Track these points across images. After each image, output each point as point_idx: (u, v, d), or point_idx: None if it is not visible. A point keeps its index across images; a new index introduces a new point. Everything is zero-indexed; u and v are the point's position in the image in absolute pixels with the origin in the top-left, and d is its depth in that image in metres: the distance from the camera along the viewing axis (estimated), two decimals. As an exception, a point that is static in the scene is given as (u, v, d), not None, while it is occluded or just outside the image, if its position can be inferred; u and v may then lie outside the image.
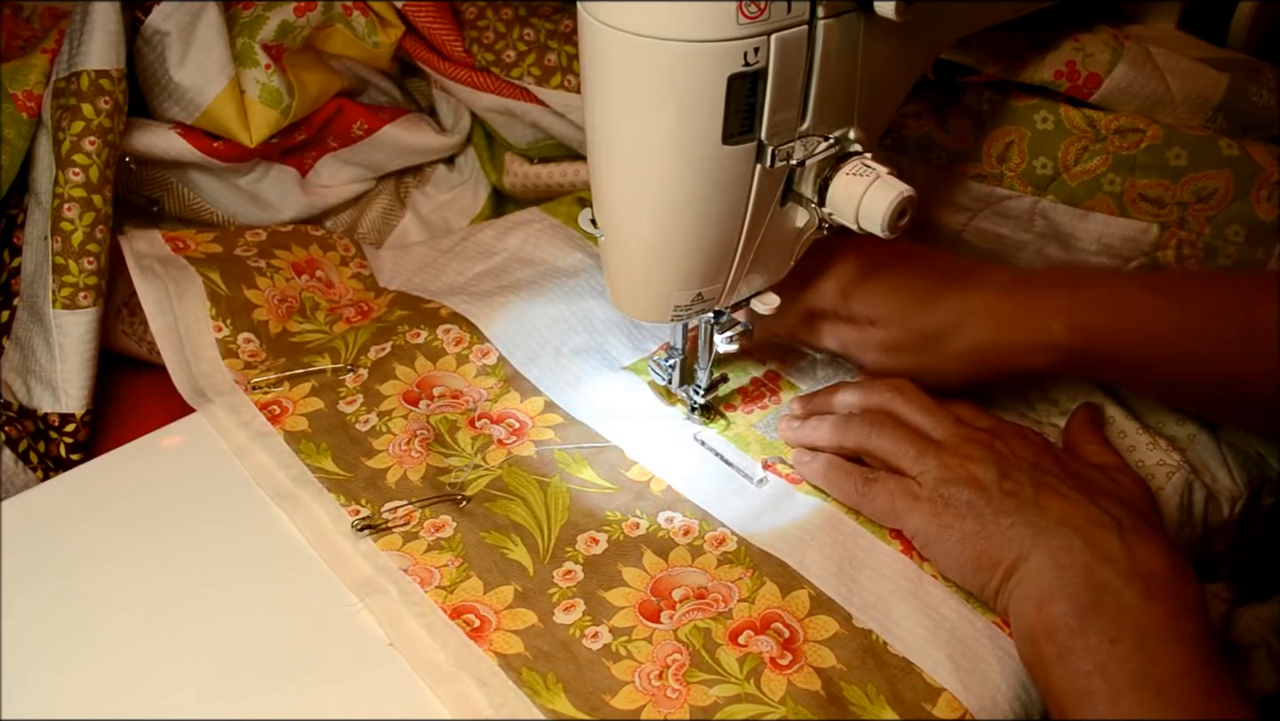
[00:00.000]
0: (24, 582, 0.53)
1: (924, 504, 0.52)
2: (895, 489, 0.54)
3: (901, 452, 0.54)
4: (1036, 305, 0.55)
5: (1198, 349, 0.54)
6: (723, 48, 0.44)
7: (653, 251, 0.52)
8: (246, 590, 0.53)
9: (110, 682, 0.49)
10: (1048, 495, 0.50)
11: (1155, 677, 0.44)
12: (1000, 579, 0.49)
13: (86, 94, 0.65)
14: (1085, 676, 0.45)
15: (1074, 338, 0.54)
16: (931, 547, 0.52)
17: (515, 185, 0.84)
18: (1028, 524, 0.49)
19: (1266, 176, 0.59)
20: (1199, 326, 0.54)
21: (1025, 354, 0.56)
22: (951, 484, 0.52)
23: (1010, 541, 0.49)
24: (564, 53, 0.79)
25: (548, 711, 0.47)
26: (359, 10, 0.77)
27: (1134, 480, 0.54)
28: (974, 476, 0.52)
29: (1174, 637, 0.45)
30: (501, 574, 0.53)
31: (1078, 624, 0.46)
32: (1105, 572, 0.46)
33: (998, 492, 0.51)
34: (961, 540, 0.51)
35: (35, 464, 0.63)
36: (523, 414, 0.62)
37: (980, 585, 0.50)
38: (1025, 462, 0.52)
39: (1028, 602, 0.48)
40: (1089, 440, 0.57)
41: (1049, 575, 0.47)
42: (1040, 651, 0.47)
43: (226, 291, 0.67)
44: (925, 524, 0.52)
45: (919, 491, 0.53)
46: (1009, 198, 0.65)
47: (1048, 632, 0.46)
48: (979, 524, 0.50)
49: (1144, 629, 0.45)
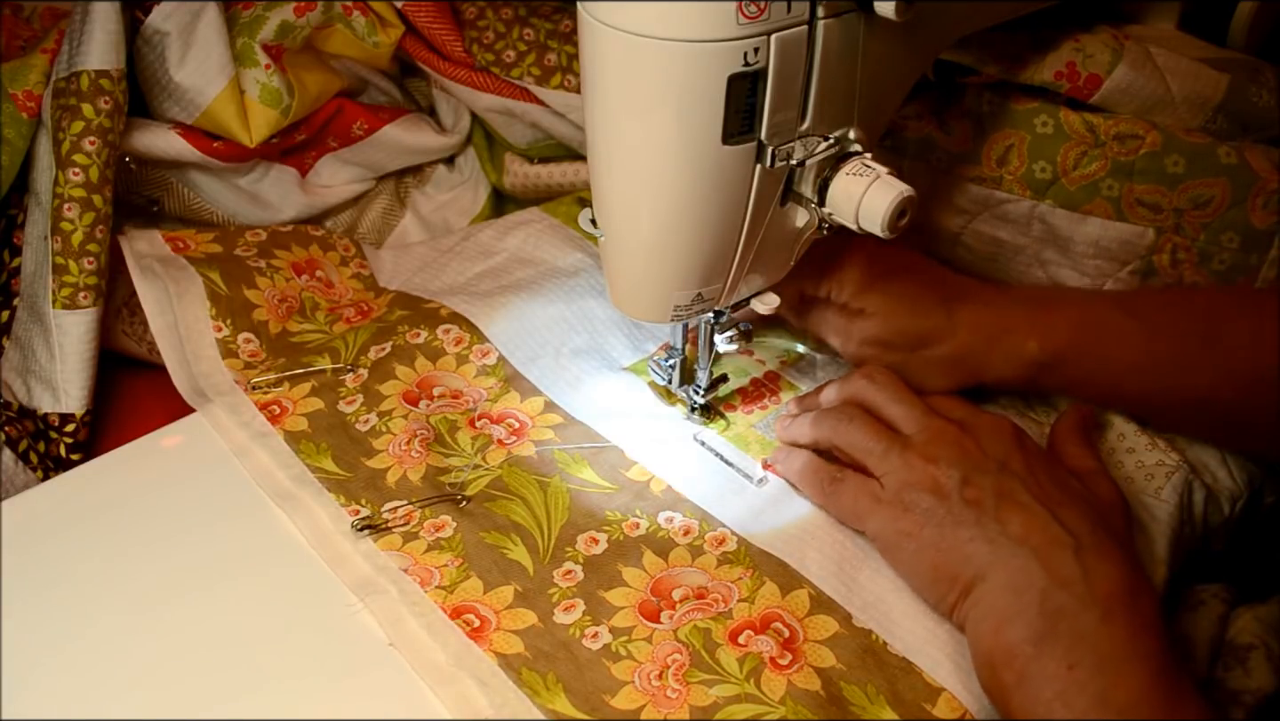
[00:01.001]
0: (24, 582, 0.53)
1: (885, 507, 0.52)
2: (858, 490, 0.54)
3: (868, 449, 0.54)
4: (1013, 322, 0.58)
5: (1166, 367, 0.56)
6: (723, 48, 0.44)
7: (653, 251, 0.52)
8: (246, 590, 0.53)
9: (110, 682, 0.49)
10: (1008, 507, 0.49)
11: (1116, 702, 0.43)
12: (957, 595, 0.49)
13: (86, 94, 0.65)
14: (1045, 704, 0.44)
15: (1044, 355, 0.57)
16: (890, 554, 0.52)
17: (515, 185, 0.84)
18: (986, 540, 0.49)
19: (1264, 185, 0.59)
20: (1167, 346, 0.56)
21: (1000, 367, 0.58)
22: (913, 488, 0.52)
23: (968, 558, 0.49)
24: (564, 53, 0.79)
25: (548, 711, 0.47)
26: (359, 10, 0.77)
27: (1109, 487, 0.53)
28: (936, 481, 0.51)
29: (1133, 658, 0.44)
30: (501, 574, 0.53)
31: (1034, 650, 0.45)
32: (1061, 597, 0.46)
33: (958, 501, 0.50)
34: (919, 549, 0.50)
35: (35, 464, 0.63)
36: (523, 414, 0.62)
37: (937, 598, 0.50)
38: (992, 463, 0.52)
39: (984, 625, 0.48)
40: (1071, 442, 0.57)
41: (1006, 598, 0.47)
42: (999, 678, 0.46)
43: (226, 291, 0.67)
44: (884, 528, 0.52)
45: (880, 494, 0.53)
46: (1008, 201, 0.65)
47: (1005, 659, 0.46)
48: (937, 533, 0.50)
49: (1103, 652, 0.45)
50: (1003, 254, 0.67)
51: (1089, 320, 0.57)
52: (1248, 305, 0.56)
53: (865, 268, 0.59)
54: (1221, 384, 0.54)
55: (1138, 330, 0.56)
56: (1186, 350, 0.55)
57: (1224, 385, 0.54)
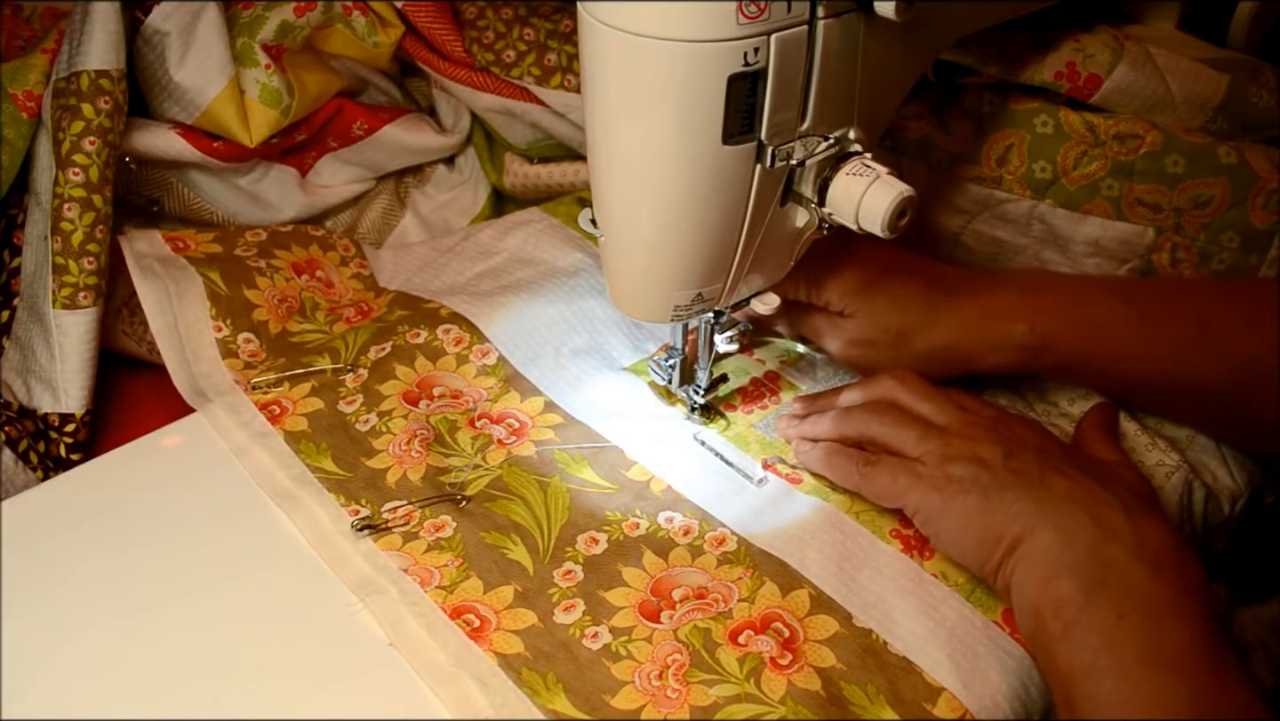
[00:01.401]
0: (24, 582, 0.53)
1: (926, 481, 0.52)
2: (897, 468, 0.53)
3: (904, 437, 0.54)
4: (999, 308, 0.58)
5: (1160, 352, 0.55)
6: (723, 48, 0.44)
7: (653, 251, 0.52)
8: (246, 590, 0.53)
9: (110, 682, 0.49)
10: (1053, 475, 0.50)
11: (1163, 654, 0.43)
12: (1003, 554, 0.49)
13: (86, 94, 0.65)
14: (1092, 651, 0.44)
15: (1034, 338, 0.57)
16: (933, 524, 0.52)
17: (515, 185, 0.84)
18: (1033, 499, 0.49)
19: (1263, 184, 0.60)
20: (1161, 331, 0.56)
21: (988, 354, 0.58)
22: (956, 461, 0.51)
23: (1015, 516, 0.49)
24: (564, 53, 0.79)
25: (548, 711, 0.47)
26: (359, 10, 0.77)
27: (1137, 477, 0.53)
28: (978, 454, 0.51)
29: (1180, 614, 0.44)
30: (501, 574, 0.53)
31: (1084, 599, 0.45)
32: (1113, 548, 0.46)
33: (1003, 470, 0.50)
34: (964, 515, 0.50)
35: (35, 464, 0.63)
36: (523, 414, 0.62)
37: (981, 560, 0.50)
38: (1030, 445, 0.52)
39: (1032, 577, 0.47)
40: (1096, 438, 0.57)
41: (1055, 550, 0.47)
42: (1045, 626, 0.46)
43: (226, 291, 0.67)
44: (926, 499, 0.52)
45: (921, 470, 0.52)
46: (1008, 201, 0.65)
47: (1054, 608, 0.46)
48: (983, 498, 0.50)
49: (1151, 605, 0.44)
50: (1003, 254, 0.67)
51: (1080, 303, 0.57)
52: (1245, 294, 0.56)
53: (852, 272, 0.59)
54: (1217, 372, 0.54)
55: (1132, 315, 0.56)
56: (1182, 336, 0.55)
57: (1219, 373, 0.54)
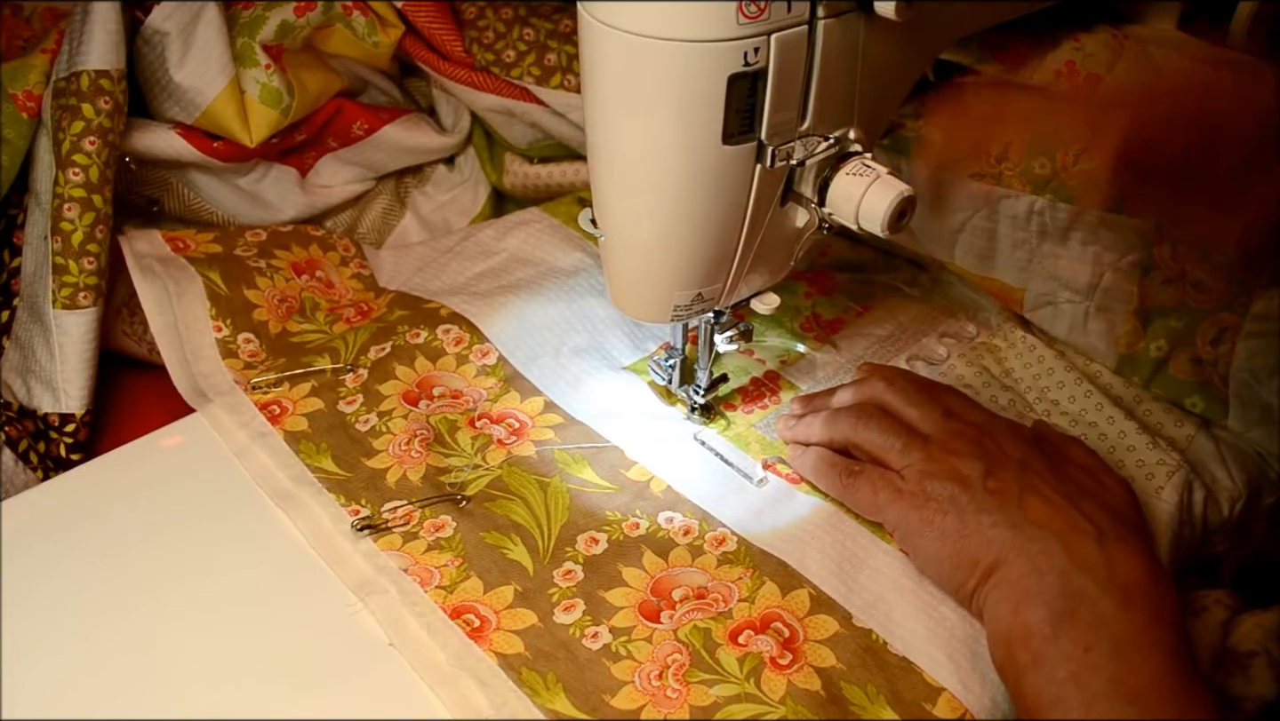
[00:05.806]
0: (24, 582, 0.53)
1: (906, 497, 0.52)
2: (878, 481, 0.54)
3: (888, 445, 0.54)
4: None
5: None
6: (723, 48, 0.44)
7: (653, 251, 0.52)
8: (246, 590, 0.53)
9: (110, 682, 0.49)
10: (1031, 496, 0.50)
11: (1129, 686, 0.44)
12: (978, 579, 0.49)
13: (86, 94, 0.65)
14: (1059, 683, 0.44)
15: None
16: (911, 541, 0.52)
17: (515, 185, 0.84)
18: (1009, 525, 0.49)
19: None
20: None
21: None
22: (935, 478, 0.52)
23: (990, 542, 0.49)
24: (564, 53, 0.79)
25: (548, 711, 0.47)
26: (359, 10, 0.77)
27: (1118, 483, 0.53)
28: (958, 471, 0.51)
29: (1149, 646, 0.45)
30: (501, 574, 0.53)
31: (1052, 630, 0.46)
32: (1082, 580, 0.46)
33: (981, 490, 0.50)
34: (941, 536, 0.50)
35: (35, 464, 0.63)
36: (523, 414, 0.62)
37: (957, 584, 0.50)
38: (1012, 461, 0.52)
39: (1004, 606, 0.48)
40: (1072, 442, 0.57)
41: (1026, 579, 0.47)
42: (1014, 656, 0.46)
43: (226, 291, 0.67)
44: (905, 517, 0.52)
45: (901, 485, 0.53)
46: (1007, 197, 0.65)
47: (1022, 638, 0.46)
48: (960, 520, 0.50)
49: (1119, 637, 0.45)
50: (1002, 250, 0.67)
51: None
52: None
53: None
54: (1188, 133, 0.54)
55: None
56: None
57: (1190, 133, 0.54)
